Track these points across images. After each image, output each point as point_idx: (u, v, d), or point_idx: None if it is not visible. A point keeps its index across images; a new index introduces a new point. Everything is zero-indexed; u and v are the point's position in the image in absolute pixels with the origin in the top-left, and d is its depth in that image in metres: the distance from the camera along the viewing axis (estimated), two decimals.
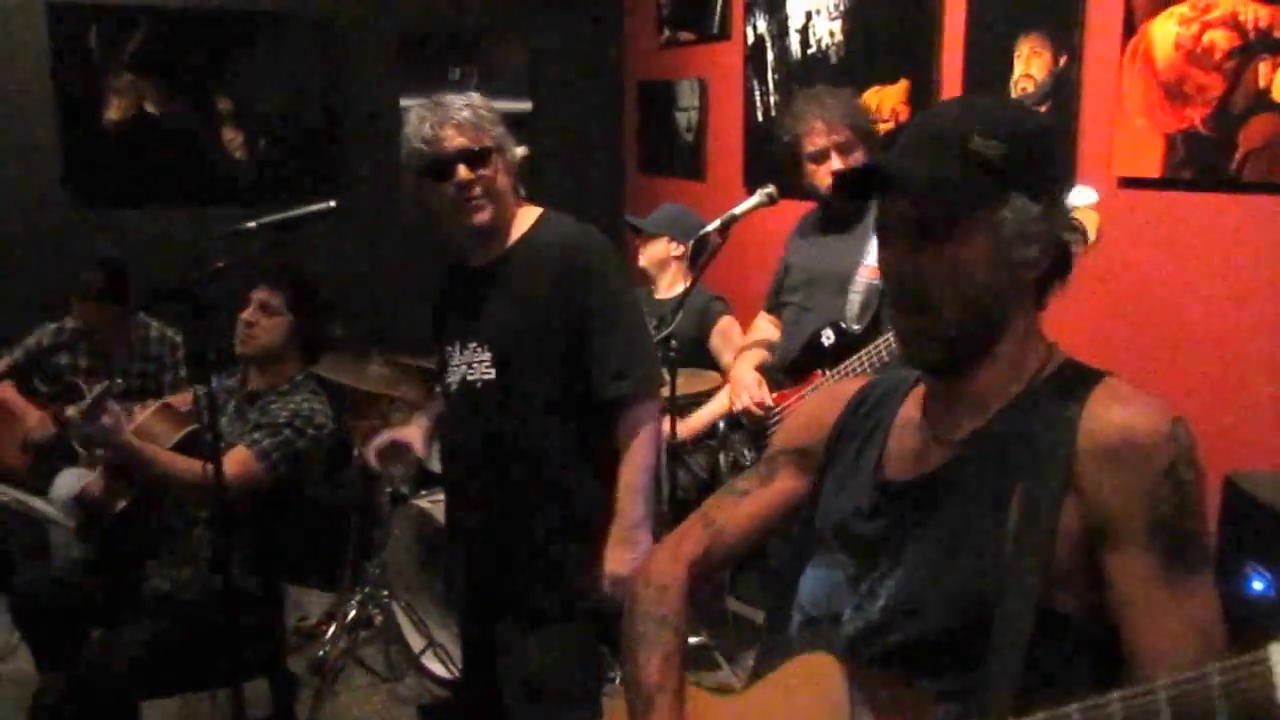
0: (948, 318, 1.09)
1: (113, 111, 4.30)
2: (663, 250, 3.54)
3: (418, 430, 2.40)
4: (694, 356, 3.29)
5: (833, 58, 3.61)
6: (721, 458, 3.17)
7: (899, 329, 1.16)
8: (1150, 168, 2.47)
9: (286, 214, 2.17)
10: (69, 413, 2.39)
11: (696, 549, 1.34)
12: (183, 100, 4.41)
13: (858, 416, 1.28)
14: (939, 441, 1.15)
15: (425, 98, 2.10)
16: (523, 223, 2.15)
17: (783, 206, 2.64)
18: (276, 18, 4.51)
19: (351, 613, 3.47)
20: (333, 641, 3.40)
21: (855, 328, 2.59)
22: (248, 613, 2.48)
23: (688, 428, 3.23)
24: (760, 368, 2.80)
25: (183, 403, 2.79)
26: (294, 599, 3.47)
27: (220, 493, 2.13)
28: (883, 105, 3.32)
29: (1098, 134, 2.60)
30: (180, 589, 2.54)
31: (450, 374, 2.18)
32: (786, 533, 1.35)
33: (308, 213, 2.17)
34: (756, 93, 4.07)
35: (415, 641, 3.28)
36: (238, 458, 2.43)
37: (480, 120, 2.05)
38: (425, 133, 2.03)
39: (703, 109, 4.48)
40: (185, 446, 2.59)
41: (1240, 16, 2.24)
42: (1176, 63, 2.38)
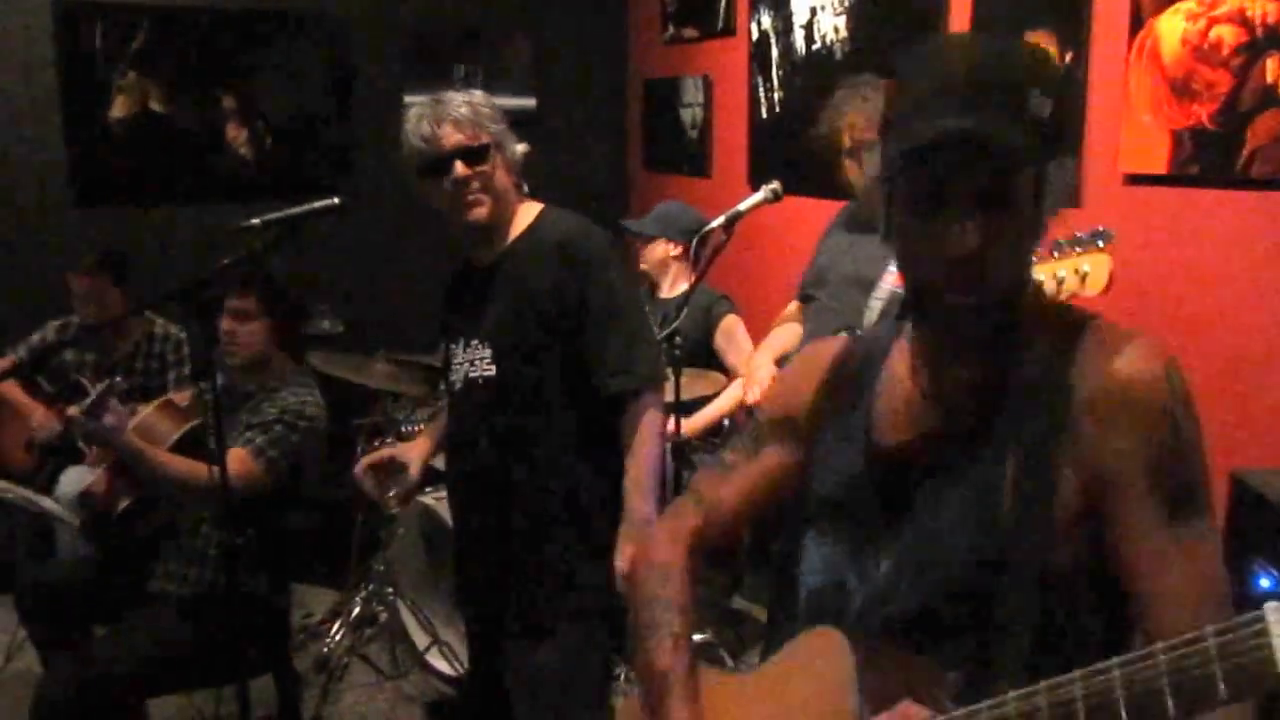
0: (1002, 288, 1.03)
1: (117, 109, 4.29)
2: (661, 251, 3.52)
3: (418, 452, 2.33)
4: (698, 357, 3.28)
5: (837, 53, 3.60)
6: None
7: (950, 306, 1.04)
8: (1157, 164, 2.46)
9: (291, 211, 2.17)
10: (71, 411, 2.39)
11: (693, 525, 1.31)
12: (188, 98, 4.40)
13: (841, 379, 1.23)
14: (930, 398, 1.12)
15: (430, 95, 2.10)
16: (523, 219, 2.15)
17: (787, 203, 2.63)
18: (281, 15, 4.50)
19: (356, 610, 3.48)
20: (338, 639, 3.41)
21: None
22: (253, 610, 2.49)
23: (693, 425, 3.22)
24: (780, 361, 2.73)
25: (184, 399, 2.79)
26: (299, 596, 3.45)
27: (224, 493, 2.13)
28: None
29: (1104, 130, 2.59)
30: (186, 586, 2.54)
31: (453, 372, 2.18)
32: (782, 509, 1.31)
33: (312, 210, 2.16)
34: (761, 89, 4.05)
35: (420, 639, 3.28)
36: (235, 458, 2.43)
37: (478, 117, 2.05)
38: (424, 130, 2.03)
39: (707, 106, 4.47)
40: (185, 443, 2.60)
41: (1248, 12, 2.22)
42: (1184, 59, 2.37)
